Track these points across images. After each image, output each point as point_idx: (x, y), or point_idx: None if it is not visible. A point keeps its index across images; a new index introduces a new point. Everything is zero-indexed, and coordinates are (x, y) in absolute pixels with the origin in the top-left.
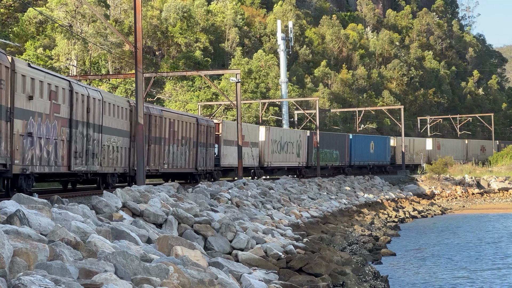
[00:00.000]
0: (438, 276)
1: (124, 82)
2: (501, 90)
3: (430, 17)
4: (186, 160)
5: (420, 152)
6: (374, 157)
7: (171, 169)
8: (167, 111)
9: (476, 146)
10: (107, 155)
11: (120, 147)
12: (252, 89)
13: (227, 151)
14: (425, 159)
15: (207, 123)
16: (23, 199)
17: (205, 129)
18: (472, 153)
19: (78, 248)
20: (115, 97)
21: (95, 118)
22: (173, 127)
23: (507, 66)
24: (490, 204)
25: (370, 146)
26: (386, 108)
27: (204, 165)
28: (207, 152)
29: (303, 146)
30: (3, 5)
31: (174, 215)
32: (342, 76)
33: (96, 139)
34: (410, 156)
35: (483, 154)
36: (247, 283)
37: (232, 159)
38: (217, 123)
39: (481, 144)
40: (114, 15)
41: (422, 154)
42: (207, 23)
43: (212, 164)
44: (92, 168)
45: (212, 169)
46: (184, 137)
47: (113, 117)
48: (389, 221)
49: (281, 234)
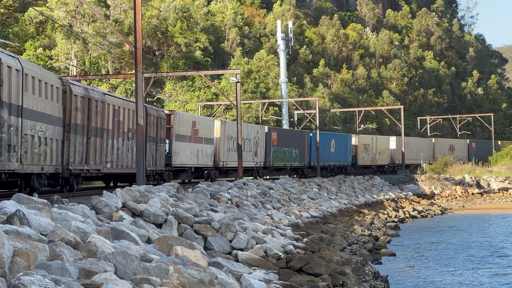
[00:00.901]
0: (438, 276)
1: (124, 82)
2: (501, 90)
3: (430, 17)
4: (133, 158)
5: (383, 152)
6: (335, 157)
7: (115, 168)
8: (111, 96)
9: (444, 146)
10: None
11: (50, 138)
12: (252, 89)
13: (180, 148)
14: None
15: (157, 113)
16: (23, 199)
17: (154, 120)
18: (440, 152)
19: (78, 248)
20: (41, 70)
21: (12, 95)
22: (118, 115)
23: (507, 66)
24: (490, 204)
25: (331, 144)
26: (386, 108)
27: (154, 164)
28: (157, 149)
29: (260, 144)
30: (3, 5)
31: (174, 215)
32: (342, 76)
33: (12, 125)
34: (373, 156)
35: (451, 153)
36: (247, 283)
37: (185, 157)
38: (168, 114)
39: (450, 143)
40: (114, 15)
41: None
42: (207, 23)
43: (162, 163)
44: (7, 167)
45: (163, 170)
46: (131, 129)
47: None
48: (389, 221)
49: (281, 234)
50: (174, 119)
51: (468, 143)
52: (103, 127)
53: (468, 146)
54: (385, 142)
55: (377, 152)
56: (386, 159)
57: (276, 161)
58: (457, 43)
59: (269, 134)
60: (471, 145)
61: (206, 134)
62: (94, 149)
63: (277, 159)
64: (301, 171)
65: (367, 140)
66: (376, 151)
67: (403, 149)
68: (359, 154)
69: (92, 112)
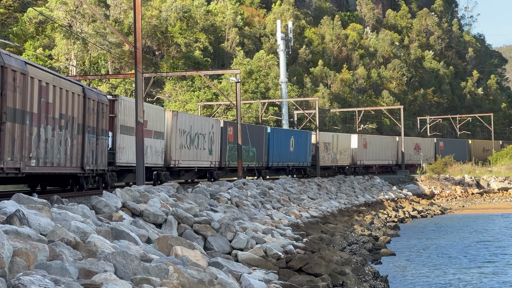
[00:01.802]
0: (438, 276)
1: (123, 82)
2: (500, 90)
3: (430, 17)
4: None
5: (344, 151)
6: (293, 157)
7: (43, 167)
8: (37, 68)
9: (409, 145)
10: None
11: None
12: (252, 89)
13: (125, 143)
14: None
15: (97, 96)
16: (23, 199)
17: (95, 106)
18: (405, 152)
19: (77, 248)
20: None
21: None
22: (47, 95)
23: (507, 66)
24: (490, 204)
25: (290, 142)
26: (386, 108)
27: (94, 162)
28: (98, 143)
29: (216, 141)
30: (3, 5)
31: (174, 215)
32: (342, 76)
33: None
34: (333, 156)
35: (416, 153)
36: (246, 283)
37: (132, 154)
38: (111, 100)
39: (415, 142)
40: (114, 15)
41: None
42: (207, 23)
43: (104, 161)
44: None
45: (105, 169)
46: (64, 115)
47: None
48: (389, 221)
49: (281, 234)
50: (118, 106)
51: (435, 142)
52: (25, 109)
53: (435, 145)
54: (347, 141)
55: (338, 151)
56: (347, 159)
57: (232, 161)
58: (456, 43)
59: (225, 129)
60: (438, 144)
61: (156, 127)
62: (11, 139)
63: (234, 159)
64: (258, 172)
65: (327, 138)
66: (337, 151)
67: (402, 149)
68: (319, 153)
69: (8, 87)
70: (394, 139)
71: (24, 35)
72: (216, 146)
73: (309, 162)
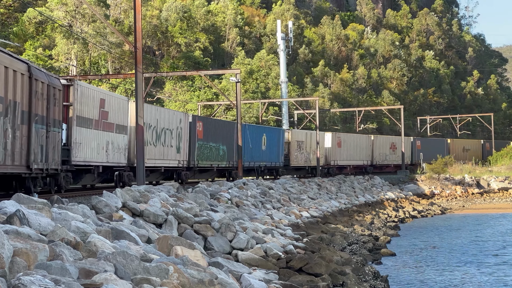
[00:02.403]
0: (438, 276)
1: (124, 82)
2: (501, 90)
3: (430, 17)
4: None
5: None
6: (266, 157)
7: None
8: None
9: (384, 144)
10: None
11: None
12: (253, 89)
13: (83, 137)
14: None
15: (48, 79)
16: (23, 199)
17: (44, 90)
18: (380, 152)
19: (78, 248)
20: None
21: None
22: None
23: (507, 66)
24: (490, 204)
25: (262, 140)
26: (386, 108)
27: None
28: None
29: (184, 137)
30: (3, 5)
31: (174, 215)
32: (342, 76)
33: None
34: (307, 156)
35: (392, 153)
36: (247, 283)
37: (91, 152)
38: (66, 85)
39: (391, 141)
40: (114, 15)
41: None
42: (207, 23)
43: (57, 158)
44: None
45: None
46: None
47: None
48: (389, 221)
49: (281, 234)
50: (75, 93)
51: (412, 141)
52: None
53: (412, 144)
54: (320, 140)
55: (311, 150)
56: (320, 159)
57: (202, 160)
58: (457, 43)
59: (193, 125)
60: (415, 143)
61: (118, 119)
62: None
63: (203, 158)
64: (228, 173)
65: (301, 136)
66: (310, 150)
67: (402, 149)
68: (292, 153)
69: None
70: (369, 138)
71: (24, 35)
72: (184, 143)
73: (281, 162)
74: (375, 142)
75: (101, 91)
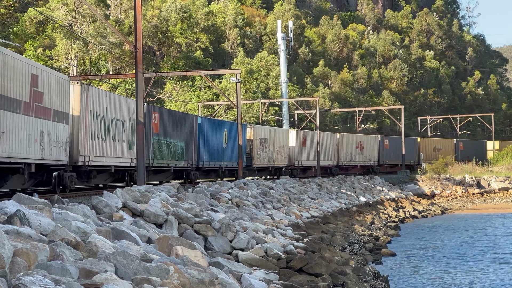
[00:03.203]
0: (438, 276)
1: (124, 82)
2: (501, 90)
3: (430, 17)
4: None
5: (282, 150)
6: (227, 155)
7: None
8: None
9: (350, 143)
10: None
11: None
12: (253, 89)
13: (7, 125)
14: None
15: None
16: (23, 199)
17: None
18: (346, 151)
19: (78, 248)
20: None
21: None
22: None
23: (507, 66)
24: (490, 204)
25: (223, 137)
26: (386, 108)
27: None
28: None
29: None
30: (3, 5)
31: (174, 215)
32: (342, 76)
33: None
34: (270, 155)
35: (359, 153)
36: (247, 283)
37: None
38: None
39: (358, 140)
40: (114, 15)
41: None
42: (208, 23)
43: None
44: None
45: None
46: None
47: None
48: (389, 221)
49: (281, 234)
50: None
51: (379, 139)
52: None
53: (380, 144)
54: (284, 137)
55: (274, 149)
56: (284, 159)
57: (158, 159)
58: (457, 43)
59: (148, 116)
60: (383, 142)
61: (57, 104)
62: None
63: (160, 156)
64: (187, 175)
65: (264, 133)
66: (274, 149)
67: (403, 151)
68: (254, 151)
69: None
70: (335, 136)
71: (24, 35)
72: None
73: (243, 162)
74: (341, 141)
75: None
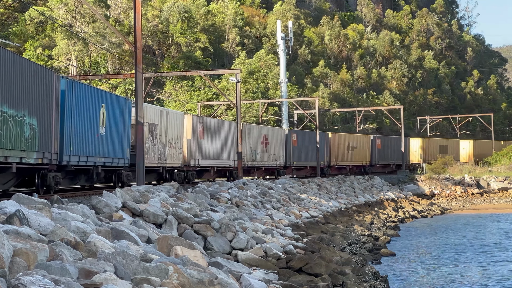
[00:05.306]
0: (438, 276)
1: (124, 82)
2: (500, 90)
3: (430, 17)
4: None
5: (176, 142)
6: (105, 147)
7: None
8: None
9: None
10: None
11: None
12: (253, 89)
13: None
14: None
15: None
16: (23, 199)
17: None
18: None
19: (78, 248)
20: None
21: None
22: None
23: (507, 66)
24: (490, 204)
25: (101, 116)
26: (386, 108)
27: None
28: None
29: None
30: (3, 5)
31: (174, 215)
32: (342, 76)
33: None
34: (161, 149)
35: (264, 150)
36: (247, 283)
37: None
38: None
39: (262, 133)
40: (114, 15)
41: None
42: (207, 23)
43: None
44: None
45: None
46: None
47: None
48: (389, 221)
49: (281, 234)
50: None
51: (286, 133)
52: None
53: (287, 138)
54: (179, 124)
55: (167, 141)
56: (179, 156)
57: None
58: (456, 43)
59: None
60: (290, 136)
61: None
62: None
63: None
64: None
65: (154, 117)
66: (167, 140)
67: (403, 149)
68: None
69: None
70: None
71: (24, 35)
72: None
73: (127, 158)
74: (244, 133)
75: None
